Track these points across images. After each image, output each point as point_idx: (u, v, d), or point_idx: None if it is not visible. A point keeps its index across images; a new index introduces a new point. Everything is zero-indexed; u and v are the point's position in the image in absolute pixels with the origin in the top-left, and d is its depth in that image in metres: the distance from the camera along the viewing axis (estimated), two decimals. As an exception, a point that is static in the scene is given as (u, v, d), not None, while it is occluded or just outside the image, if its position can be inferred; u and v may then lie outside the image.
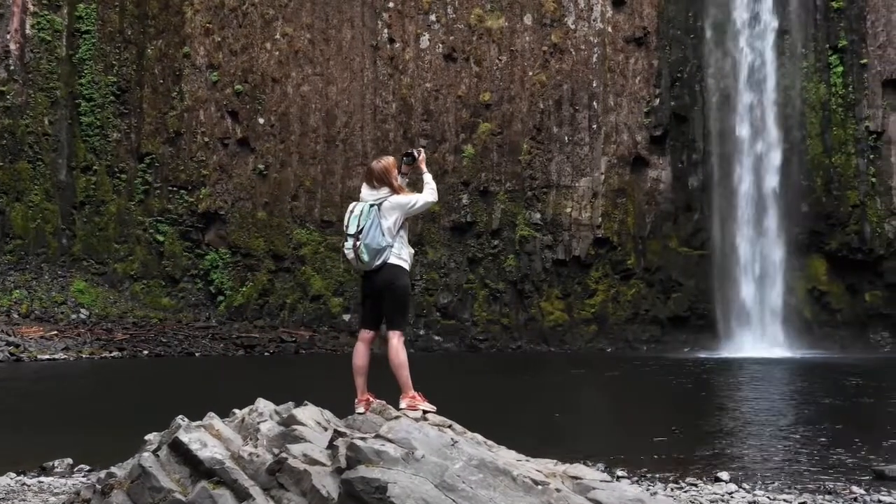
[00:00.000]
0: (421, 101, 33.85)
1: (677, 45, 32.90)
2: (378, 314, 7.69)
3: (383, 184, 7.71)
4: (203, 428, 7.13)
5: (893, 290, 31.07)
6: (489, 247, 33.12)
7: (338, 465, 6.46)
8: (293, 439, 6.92)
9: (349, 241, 7.64)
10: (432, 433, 6.55)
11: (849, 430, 13.05)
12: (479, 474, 6.14)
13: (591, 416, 16.25)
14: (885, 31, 31.11)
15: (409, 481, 6.03)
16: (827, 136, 31.58)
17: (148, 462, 6.92)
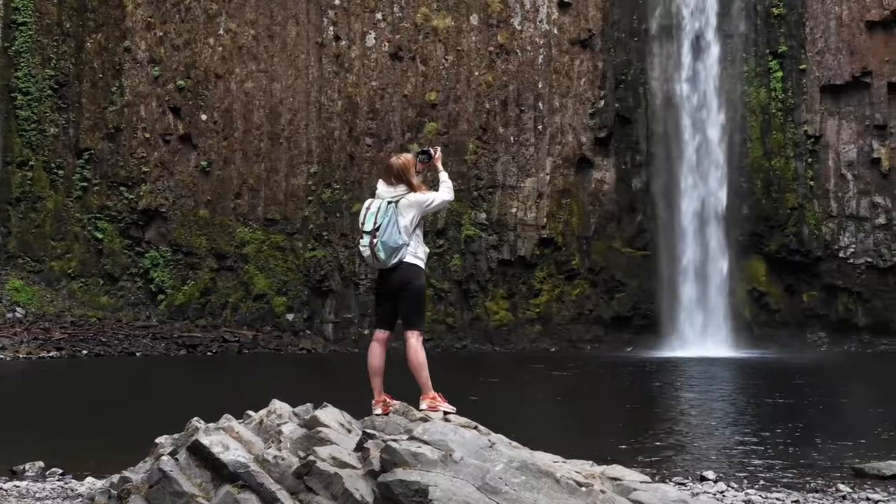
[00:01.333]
0: (367, 100, 33.67)
1: (622, 48, 33.19)
2: (393, 314, 7.57)
3: (401, 181, 7.58)
4: (222, 430, 6.88)
5: (830, 291, 31.75)
6: (434, 246, 33.04)
7: (370, 467, 6.28)
8: (318, 441, 6.71)
9: (365, 238, 7.48)
10: (468, 435, 6.41)
11: (811, 429, 13.21)
12: (521, 476, 5.98)
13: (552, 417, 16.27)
14: (824, 37, 31.74)
15: (450, 484, 5.86)
16: (767, 139, 32.13)
17: (168, 466, 6.66)
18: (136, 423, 14.09)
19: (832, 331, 31.79)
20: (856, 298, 31.66)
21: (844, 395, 18.43)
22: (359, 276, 32.97)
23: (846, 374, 23.86)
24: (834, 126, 31.89)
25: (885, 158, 31.47)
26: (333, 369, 26.39)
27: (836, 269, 31.74)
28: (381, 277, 7.69)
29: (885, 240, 31.56)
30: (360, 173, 33.49)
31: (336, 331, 32.89)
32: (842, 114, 31.86)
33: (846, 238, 31.73)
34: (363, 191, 33.33)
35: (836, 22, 31.64)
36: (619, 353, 29.70)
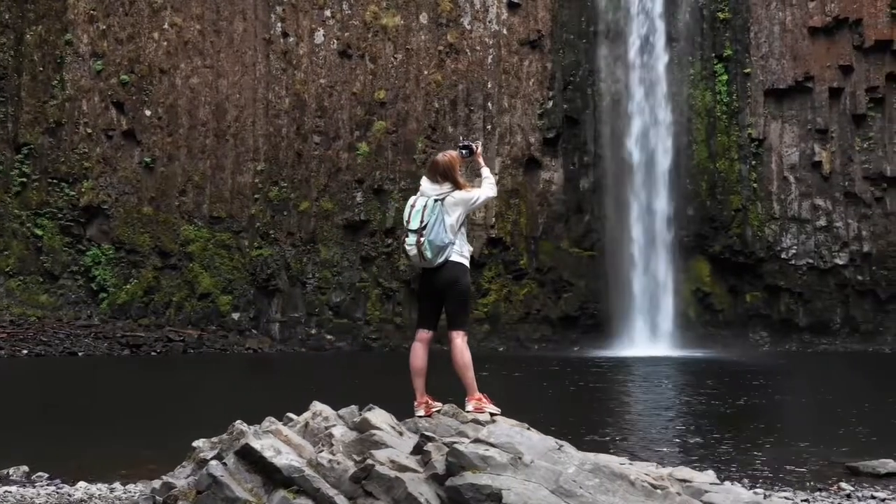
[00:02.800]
0: (315, 98, 33.38)
1: (570, 49, 33.38)
2: (437, 313, 7.42)
3: (447, 179, 7.42)
4: (270, 434, 6.65)
5: (772, 291, 32.32)
6: (383, 245, 32.91)
7: (433, 471, 6.10)
8: (373, 444, 6.51)
9: (411, 237, 7.28)
10: (535, 437, 6.24)
11: (788, 428, 13.31)
12: (594, 479, 5.84)
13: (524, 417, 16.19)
14: (768, 42, 32.28)
15: (523, 488, 5.68)
16: (712, 142, 32.57)
17: (218, 471, 6.41)
18: (101, 425, 13.77)
19: (774, 331, 32.37)
20: (797, 299, 32.27)
21: (805, 394, 18.66)
22: (306, 275, 32.68)
23: (798, 373, 24.26)
24: (777, 129, 32.46)
25: (826, 162, 32.11)
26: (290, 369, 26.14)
27: (778, 270, 32.31)
28: (424, 276, 7.54)
29: (825, 241, 32.21)
30: (307, 171, 33.18)
31: (283, 330, 32.56)
32: (785, 117, 32.44)
33: (788, 240, 32.31)
34: (310, 189, 33.07)
35: (779, 27, 32.20)
36: (566, 354, 29.84)
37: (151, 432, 12.84)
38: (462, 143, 7.80)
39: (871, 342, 31.34)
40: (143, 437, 12.24)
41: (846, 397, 17.78)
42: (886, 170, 31.90)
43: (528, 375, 22.74)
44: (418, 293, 7.86)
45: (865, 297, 32.08)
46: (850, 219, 32.17)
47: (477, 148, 7.79)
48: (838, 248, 32.10)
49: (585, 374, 22.20)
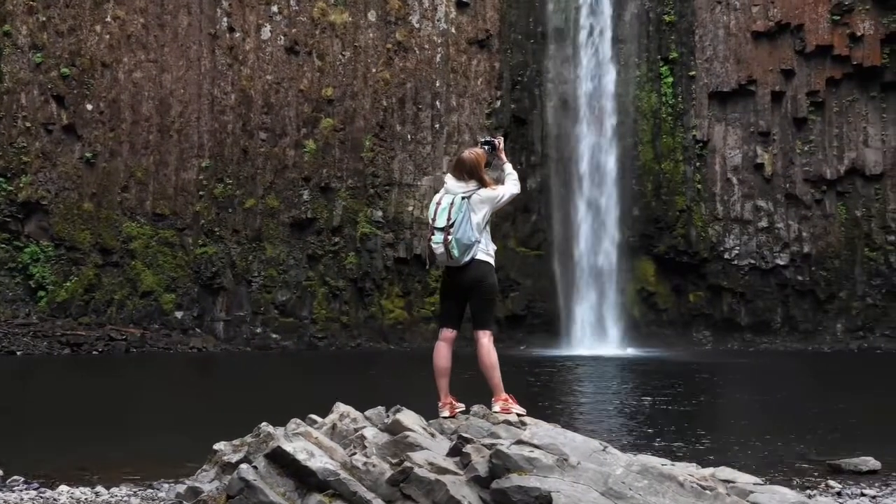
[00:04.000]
0: (261, 94, 33.01)
1: (518, 49, 33.50)
2: (461, 312, 7.33)
3: (473, 176, 7.28)
4: (301, 436, 6.44)
5: (715, 291, 32.79)
6: (329, 244, 32.68)
7: (475, 473, 5.95)
8: (408, 446, 6.34)
9: (438, 234, 7.12)
10: (578, 438, 6.09)
11: (754, 427, 13.39)
12: (643, 480, 5.71)
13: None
14: (712, 45, 32.74)
15: (573, 490, 5.56)
16: (657, 143, 32.93)
17: (251, 475, 6.20)
18: (57, 427, 13.41)
19: (716, 330, 32.85)
20: (739, 299, 32.79)
21: (759, 393, 18.86)
22: (251, 273, 32.31)
23: (745, 372, 24.58)
24: (721, 132, 32.94)
25: (768, 164, 32.67)
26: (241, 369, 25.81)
27: (720, 270, 32.79)
28: (448, 275, 7.42)
29: (766, 242, 32.77)
30: (253, 168, 32.80)
31: (227, 329, 32.13)
32: (728, 120, 32.93)
33: (731, 240, 32.81)
34: (256, 186, 32.70)
35: (724, 31, 32.68)
36: (513, 353, 29.89)
37: (111, 433, 12.53)
38: (484, 138, 7.71)
39: (810, 341, 31.98)
40: (104, 439, 11.93)
41: (798, 396, 18.08)
42: (826, 172, 32.56)
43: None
44: (441, 292, 7.70)
45: (805, 297, 32.72)
46: (791, 220, 32.78)
47: (499, 143, 7.68)
48: (779, 248, 32.68)
49: (538, 373, 22.25)
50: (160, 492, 8.42)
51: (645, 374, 21.20)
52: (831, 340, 32.03)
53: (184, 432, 12.46)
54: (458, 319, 7.55)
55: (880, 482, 9.12)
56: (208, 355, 29.20)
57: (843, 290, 32.53)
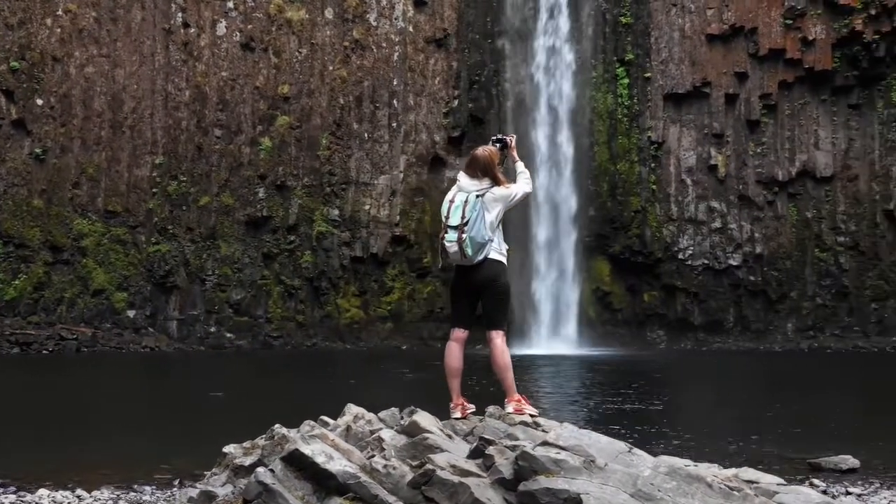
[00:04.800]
0: (216, 90, 32.65)
1: (476, 49, 33.52)
2: (473, 312, 7.23)
3: (486, 174, 7.17)
4: (318, 438, 6.27)
5: (669, 291, 33.09)
6: (285, 242, 32.43)
7: (499, 475, 5.82)
8: (427, 448, 6.20)
9: (451, 233, 6.99)
10: (603, 439, 6.00)
11: (724, 425, 13.43)
12: (672, 482, 5.64)
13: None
14: (668, 47, 33.04)
15: (602, 492, 5.47)
16: (613, 144, 33.15)
17: (269, 478, 6.06)
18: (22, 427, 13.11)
19: (670, 329, 33.15)
20: (692, 298, 33.11)
21: (719, 392, 19.03)
22: (205, 271, 31.95)
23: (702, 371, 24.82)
24: (676, 133, 33.24)
25: (722, 165, 33.03)
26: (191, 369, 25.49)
27: (675, 271, 33.09)
28: (460, 274, 7.30)
29: (720, 243, 33.14)
30: (208, 165, 32.43)
31: (181, 328, 31.73)
32: (683, 122, 33.24)
33: (685, 241, 33.13)
34: (211, 183, 32.34)
35: (679, 33, 32.98)
36: (468, 351, 29.86)
37: (76, 435, 12.26)
38: (495, 136, 7.63)
39: (761, 341, 32.40)
40: (71, 440, 11.65)
41: (758, 395, 18.28)
42: (778, 174, 33.02)
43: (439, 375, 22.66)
44: (452, 291, 7.60)
45: (757, 297, 33.15)
46: (744, 221, 33.19)
47: (511, 141, 7.60)
48: (732, 249, 33.08)
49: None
50: (143, 495, 8.27)
51: (604, 374, 21.32)
52: (782, 340, 32.49)
53: (148, 433, 12.29)
54: (470, 319, 7.47)
55: (862, 480, 9.20)
56: (161, 355, 28.83)
57: (794, 290, 33.02)
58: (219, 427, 13.05)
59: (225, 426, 13.24)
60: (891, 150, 32.69)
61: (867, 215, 32.93)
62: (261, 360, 27.43)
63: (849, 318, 32.76)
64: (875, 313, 32.55)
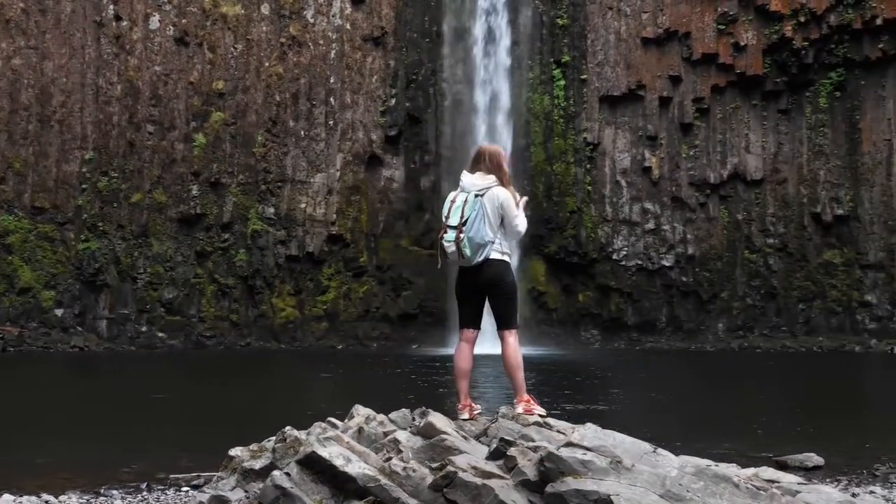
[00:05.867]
0: (149, 85, 32.04)
1: (413, 48, 33.45)
2: (480, 311, 7.11)
3: (490, 170, 7.01)
4: (333, 441, 6.06)
5: (603, 291, 33.43)
6: (219, 241, 31.98)
7: (523, 477, 5.67)
8: (446, 450, 6.03)
9: (450, 233, 6.86)
10: (627, 440, 5.88)
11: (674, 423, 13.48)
12: (699, 482, 5.55)
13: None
14: (604, 50, 33.37)
15: (631, 492, 5.35)
16: (549, 144, 33.37)
17: (286, 482, 5.85)
18: None
19: (604, 329, 33.50)
20: (626, 298, 33.51)
21: (662, 391, 19.16)
22: (137, 270, 31.32)
23: (643, 370, 25.02)
24: (611, 135, 33.60)
25: (655, 167, 33.49)
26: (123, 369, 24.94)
27: (609, 271, 33.45)
28: (463, 275, 7.16)
29: (653, 244, 33.59)
30: (140, 162, 31.80)
31: (111, 327, 31.06)
32: (618, 124, 33.62)
33: (619, 241, 33.51)
34: (143, 180, 31.73)
35: (615, 36, 33.33)
36: (405, 351, 29.87)
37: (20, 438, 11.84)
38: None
39: (693, 340, 32.94)
40: (18, 444, 11.23)
41: (698, 394, 18.51)
42: (710, 177, 33.59)
43: (373, 374, 22.58)
44: (457, 293, 7.43)
45: (689, 298, 33.68)
46: (677, 222, 33.69)
47: (521, 203, 7.39)
48: (665, 250, 33.56)
49: (436, 373, 22.23)
50: (113, 499, 8.02)
51: (542, 373, 21.41)
52: (713, 340, 33.07)
53: (97, 436, 11.98)
54: (478, 319, 7.35)
55: (830, 478, 9.29)
56: (91, 355, 28.19)
57: (725, 290, 33.62)
58: (169, 430, 12.82)
59: (176, 429, 13.01)
60: (818, 155, 33.49)
61: (795, 218, 33.69)
62: (194, 361, 26.97)
63: (777, 319, 33.48)
64: (802, 314, 33.32)
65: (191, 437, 12.15)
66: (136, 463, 9.73)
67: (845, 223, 33.19)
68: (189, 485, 8.42)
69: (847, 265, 33.13)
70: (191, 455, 10.08)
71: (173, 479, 8.60)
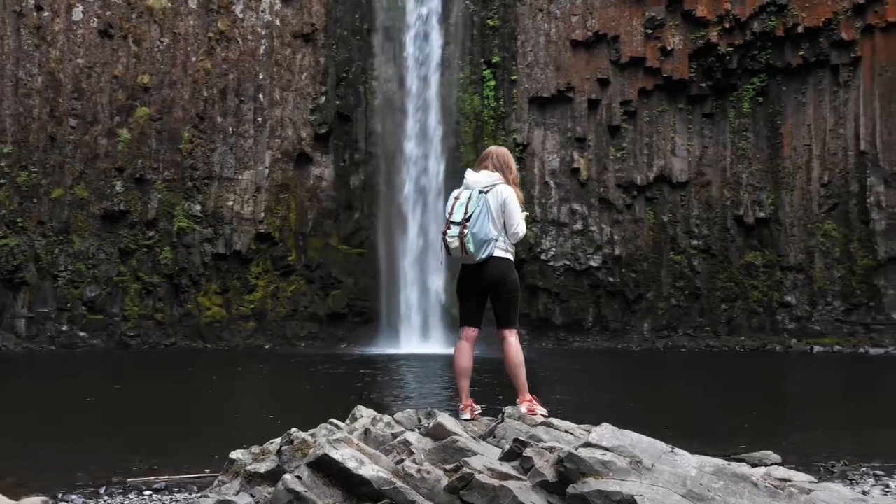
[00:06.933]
0: (72, 78, 31.23)
1: (344, 46, 33.23)
2: (481, 310, 7.02)
3: (497, 169, 6.86)
4: (343, 443, 5.86)
5: (532, 290, 33.64)
6: (143, 238, 31.34)
7: (541, 478, 5.55)
8: (458, 451, 5.87)
9: (454, 228, 6.78)
10: (644, 440, 5.76)
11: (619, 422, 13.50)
12: (719, 481, 5.49)
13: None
14: (533, 52, 33.59)
15: (654, 493, 5.27)
16: (479, 145, 33.42)
17: (299, 486, 5.66)
18: None
19: (532, 328, 33.70)
20: (554, 298, 33.79)
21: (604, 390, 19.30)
22: (57, 267, 30.51)
23: (577, 369, 25.15)
24: (540, 136, 33.85)
25: (584, 169, 33.83)
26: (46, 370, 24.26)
27: (537, 271, 33.69)
28: (466, 272, 7.07)
29: (581, 244, 33.95)
30: (62, 156, 30.98)
31: (30, 326, 30.21)
32: (547, 125, 33.88)
33: (548, 241, 33.77)
34: (64, 175, 30.93)
35: (544, 38, 33.58)
36: (334, 351, 29.67)
37: None
38: None
39: (619, 340, 33.38)
40: None
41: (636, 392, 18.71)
42: (636, 178, 34.07)
43: (306, 374, 22.37)
44: (459, 290, 7.34)
45: (615, 298, 34.11)
46: (604, 224, 34.09)
47: None
48: (592, 250, 33.93)
49: (364, 372, 22.12)
50: None
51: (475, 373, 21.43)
52: (638, 339, 33.54)
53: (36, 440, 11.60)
54: (479, 317, 7.30)
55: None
56: (9, 355, 27.38)
57: (650, 291, 34.15)
58: (110, 433, 12.47)
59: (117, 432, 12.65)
60: (741, 158, 34.23)
61: (718, 220, 34.38)
62: (118, 361, 26.37)
63: (700, 319, 34.12)
64: (725, 314, 34.01)
65: (137, 439, 11.82)
66: (89, 467, 9.44)
67: (766, 226, 33.99)
68: (150, 488, 8.21)
69: (768, 267, 33.93)
70: (142, 458, 9.85)
71: (132, 483, 8.35)
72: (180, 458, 9.69)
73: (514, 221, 7.20)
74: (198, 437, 11.06)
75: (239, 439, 10.93)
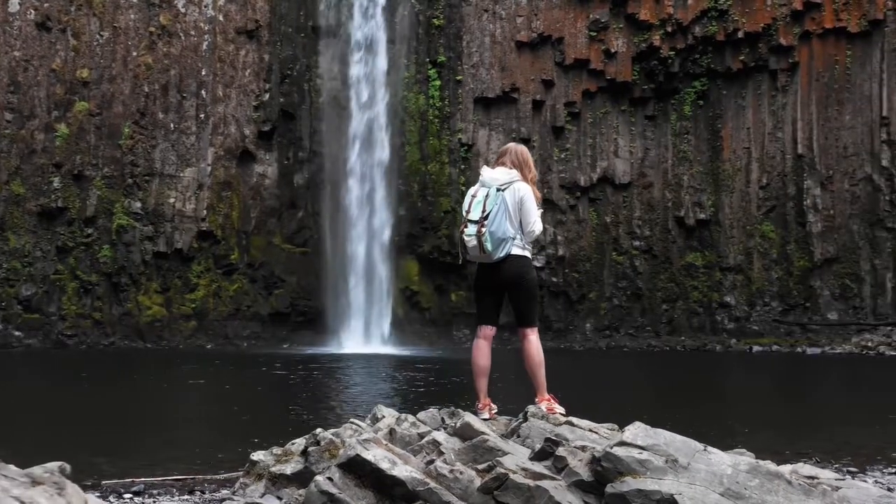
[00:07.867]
0: (7, 71, 30.47)
1: (288, 42, 32.95)
2: (499, 308, 7.03)
3: (515, 167, 6.72)
4: (373, 443, 5.72)
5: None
6: (82, 235, 30.71)
7: (576, 477, 5.46)
8: (488, 451, 5.77)
9: (471, 227, 6.73)
10: (677, 438, 5.68)
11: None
12: (755, 479, 5.45)
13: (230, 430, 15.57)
14: (479, 52, 33.68)
15: (692, 491, 5.23)
16: (424, 144, 33.45)
17: (332, 488, 5.52)
18: None
19: (475, 328, 33.66)
20: (498, 298, 33.83)
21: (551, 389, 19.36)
22: (-8, 265, 29.75)
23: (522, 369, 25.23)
24: (485, 136, 33.95)
25: (528, 169, 33.97)
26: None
27: (481, 271, 33.72)
28: (483, 271, 7.05)
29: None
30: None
31: (-38, 326, 29.42)
32: (492, 125, 33.99)
33: (492, 242, 33.81)
34: (0, 171, 30.17)
35: (490, 39, 33.69)
36: (277, 350, 29.40)
37: None
38: None
39: (562, 340, 33.61)
40: None
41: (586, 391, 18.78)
42: (580, 179, 34.36)
43: (251, 374, 22.11)
44: (476, 288, 7.36)
45: (559, 298, 34.35)
46: (548, 224, 34.28)
47: None
48: (537, 251, 34.10)
49: (308, 371, 21.95)
50: None
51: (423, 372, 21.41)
52: (581, 339, 33.82)
53: None
54: (497, 316, 7.31)
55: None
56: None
57: (593, 291, 34.46)
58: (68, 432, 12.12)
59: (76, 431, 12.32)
60: (682, 161, 34.71)
61: (660, 221, 34.82)
62: (56, 361, 25.78)
63: (642, 319, 34.53)
64: (666, 314, 34.46)
65: (99, 438, 11.49)
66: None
67: (706, 227, 34.52)
68: (129, 491, 8.00)
69: (708, 267, 34.46)
70: (110, 459, 9.59)
71: (108, 485, 8.12)
72: (135, 461, 9.47)
73: (531, 220, 7.17)
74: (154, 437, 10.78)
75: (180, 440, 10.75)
